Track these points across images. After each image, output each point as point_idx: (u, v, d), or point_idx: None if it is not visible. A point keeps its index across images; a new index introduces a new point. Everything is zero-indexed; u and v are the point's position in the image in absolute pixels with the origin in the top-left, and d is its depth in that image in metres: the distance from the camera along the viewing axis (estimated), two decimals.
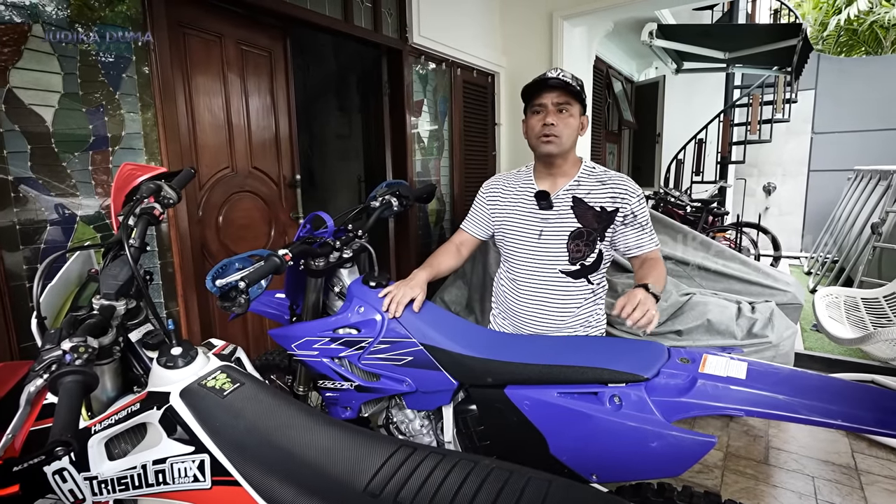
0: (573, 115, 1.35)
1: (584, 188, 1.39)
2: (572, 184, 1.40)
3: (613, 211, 1.36)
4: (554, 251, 1.39)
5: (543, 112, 1.35)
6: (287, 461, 0.75)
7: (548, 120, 1.33)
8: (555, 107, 1.33)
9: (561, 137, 1.34)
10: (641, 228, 1.38)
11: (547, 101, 1.33)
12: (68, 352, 0.69)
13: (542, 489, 0.59)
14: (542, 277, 1.42)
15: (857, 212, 4.57)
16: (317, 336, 1.29)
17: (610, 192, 1.37)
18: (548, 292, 1.42)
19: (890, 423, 0.71)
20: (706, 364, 0.89)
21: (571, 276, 1.40)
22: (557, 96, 1.33)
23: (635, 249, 1.39)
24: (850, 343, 2.29)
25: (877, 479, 1.96)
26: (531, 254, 1.42)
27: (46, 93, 1.57)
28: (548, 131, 1.33)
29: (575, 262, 1.39)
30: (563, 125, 1.33)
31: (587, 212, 1.37)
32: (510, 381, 1.05)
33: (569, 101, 1.32)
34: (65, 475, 0.88)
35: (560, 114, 1.33)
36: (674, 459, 0.83)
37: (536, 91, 1.35)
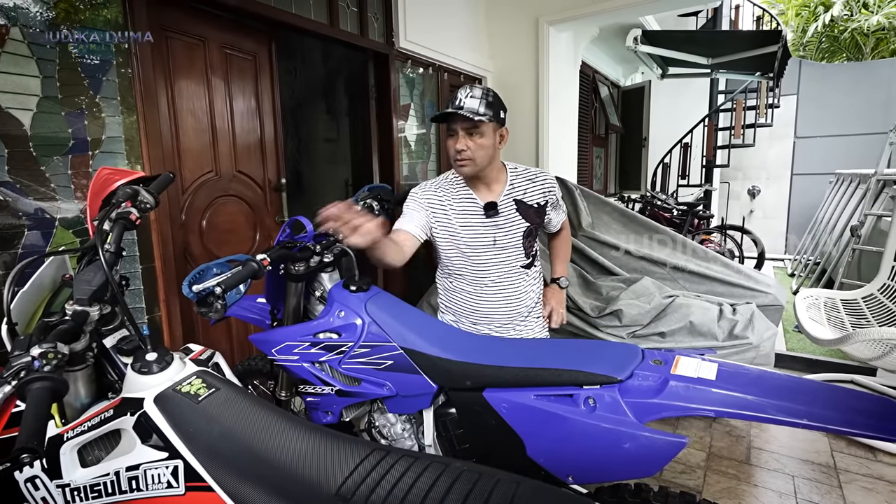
0: (485, 135, 1.38)
1: (519, 189, 1.49)
2: (508, 188, 1.48)
3: (545, 203, 1.53)
4: (511, 252, 1.49)
5: (455, 137, 1.39)
6: (261, 466, 0.75)
7: (458, 146, 1.38)
8: (465, 131, 1.37)
9: (474, 160, 1.38)
10: (560, 208, 1.60)
11: (457, 127, 1.38)
12: (37, 358, 0.69)
13: (511, 490, 0.59)
14: (505, 277, 1.51)
15: (838, 215, 4.66)
16: (297, 341, 1.29)
17: (540, 188, 1.51)
18: (511, 288, 1.52)
19: (854, 423, 0.73)
20: (678, 365, 0.91)
21: (526, 268, 1.54)
22: (465, 122, 1.36)
23: (556, 226, 1.63)
24: (829, 344, 2.33)
25: (855, 477, 1.99)
26: (490, 259, 1.49)
27: (24, 96, 1.55)
28: (459, 157, 1.39)
29: (528, 255, 1.54)
30: (475, 147, 1.37)
31: (528, 210, 1.49)
32: (488, 384, 1.06)
33: (476, 124, 1.35)
34: (37, 483, 0.87)
35: (470, 137, 1.37)
36: (646, 460, 0.84)
37: (446, 117, 1.39)
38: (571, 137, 4.22)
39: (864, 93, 6.60)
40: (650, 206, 5.24)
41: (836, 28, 10.09)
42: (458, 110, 1.34)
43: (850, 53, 10.23)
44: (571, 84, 4.12)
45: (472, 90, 1.37)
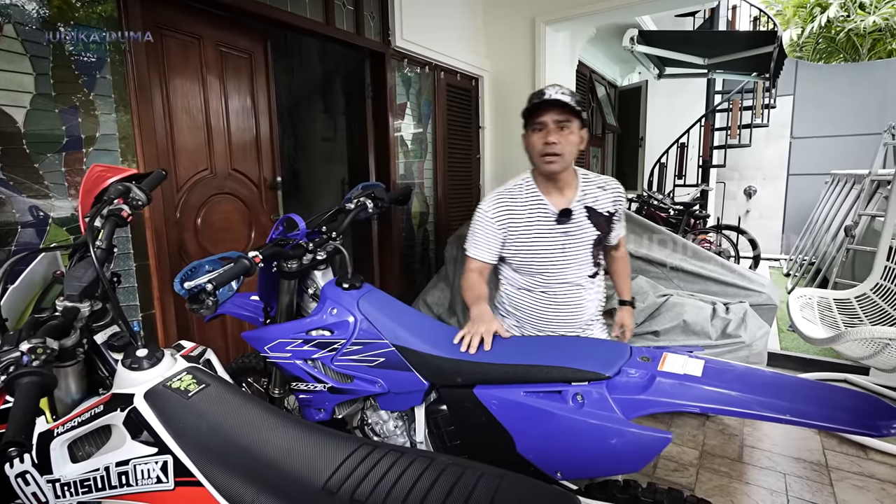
0: (573, 132, 1.35)
1: (591, 196, 1.45)
2: (580, 195, 1.44)
3: (614, 213, 1.49)
4: (580, 260, 1.45)
5: (544, 130, 1.35)
6: (249, 461, 0.76)
7: (549, 138, 1.34)
8: (555, 124, 1.34)
9: (563, 155, 1.35)
10: (622, 223, 1.55)
11: (547, 119, 1.34)
12: (26, 353, 0.69)
13: (494, 483, 0.60)
14: (573, 285, 1.46)
15: (833, 215, 4.68)
16: (290, 338, 1.30)
17: (610, 197, 1.48)
18: (579, 296, 1.48)
19: (836, 419, 0.74)
20: (665, 362, 0.91)
21: (592, 277, 1.50)
22: (557, 114, 1.33)
23: (615, 239, 1.57)
24: (821, 343, 2.34)
25: (846, 475, 2.01)
26: (558, 266, 1.44)
27: (18, 93, 1.55)
28: (549, 150, 1.34)
29: (596, 264, 1.49)
30: (564, 142, 1.34)
31: (599, 218, 1.45)
32: (479, 381, 1.07)
33: (568, 118, 1.33)
34: (27, 478, 0.88)
35: (561, 131, 1.34)
36: (633, 455, 0.85)
37: (537, 109, 1.35)
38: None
39: (860, 93, 6.62)
40: (647, 205, 5.25)
41: (833, 29, 10.12)
42: (555, 100, 1.31)
43: (846, 54, 10.27)
44: (568, 84, 4.12)
45: (560, 88, 1.35)
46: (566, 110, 1.32)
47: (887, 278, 2.68)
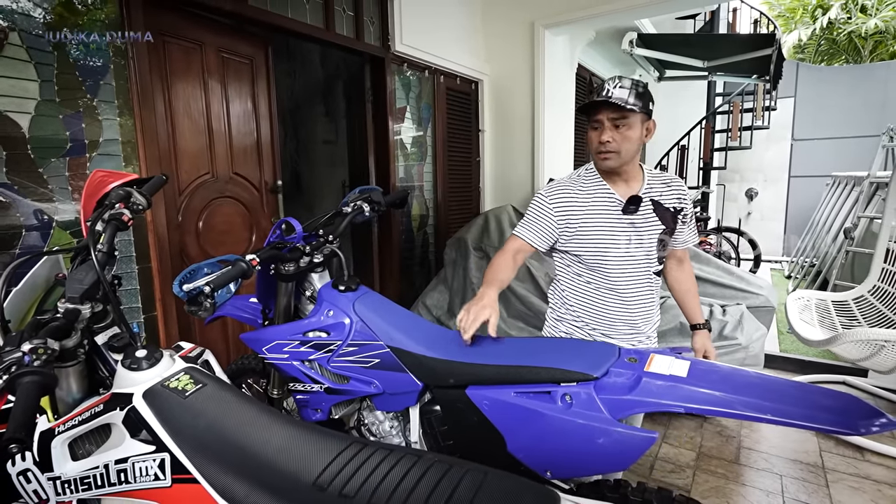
0: (632, 127, 1.30)
1: (657, 191, 1.40)
2: (646, 188, 1.39)
3: (679, 210, 1.43)
4: (646, 255, 1.39)
5: (600, 128, 1.32)
6: (243, 458, 0.78)
7: (603, 137, 1.30)
8: (611, 122, 1.30)
9: (619, 152, 1.31)
10: (690, 226, 1.48)
11: (602, 118, 1.30)
12: (27, 353, 0.71)
13: (478, 479, 0.62)
14: (639, 281, 1.41)
15: (833, 217, 4.67)
16: (287, 339, 1.32)
17: (675, 193, 1.42)
18: (645, 294, 1.43)
19: (816, 418, 0.75)
20: (652, 363, 0.93)
21: (657, 275, 1.45)
22: (613, 112, 1.28)
23: (682, 245, 1.50)
24: (819, 345, 2.35)
25: (842, 476, 2.01)
26: (624, 260, 1.38)
27: (23, 99, 1.59)
28: (603, 148, 1.31)
29: (661, 262, 1.44)
30: (620, 139, 1.30)
31: (665, 213, 1.40)
32: (471, 382, 1.08)
33: (625, 115, 1.28)
34: (29, 476, 0.90)
35: (617, 129, 1.30)
36: (620, 454, 0.86)
37: (592, 107, 1.32)
38: (568, 140, 4.24)
39: (860, 95, 6.62)
40: None
41: (835, 31, 10.12)
42: (606, 99, 1.27)
43: (848, 56, 10.26)
44: (568, 87, 4.14)
45: (621, 80, 1.29)
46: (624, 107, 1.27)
47: (884, 280, 2.68)
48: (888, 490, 1.92)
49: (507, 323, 2.68)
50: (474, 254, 2.88)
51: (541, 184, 3.74)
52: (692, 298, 1.55)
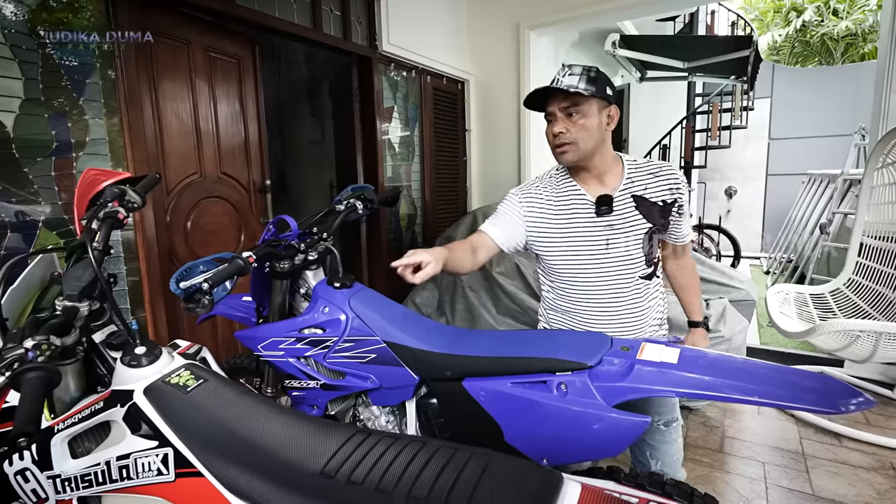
0: (587, 115, 1.17)
1: (639, 184, 1.25)
2: (625, 182, 1.25)
3: (672, 202, 1.26)
4: (628, 258, 1.26)
5: (553, 120, 1.22)
6: (248, 451, 0.79)
7: (555, 129, 1.20)
8: (562, 112, 1.19)
9: (576, 143, 1.19)
10: (686, 219, 1.32)
11: (554, 108, 1.20)
12: (31, 349, 0.72)
13: (484, 461, 0.64)
14: (619, 286, 1.27)
15: (809, 213, 4.82)
16: (282, 336, 1.33)
17: (665, 183, 1.26)
18: (627, 299, 1.29)
19: (798, 399, 0.80)
20: (643, 351, 0.97)
21: (647, 279, 1.29)
22: (563, 100, 1.18)
23: (681, 239, 1.34)
24: (797, 336, 2.42)
25: (821, 462, 2.09)
26: (601, 265, 1.27)
27: (7, 98, 1.56)
28: (557, 141, 1.21)
29: (650, 263, 1.28)
30: (575, 129, 1.18)
31: (651, 207, 1.24)
32: (467, 374, 1.11)
33: (577, 101, 1.17)
34: (27, 475, 0.90)
35: (570, 118, 1.18)
36: (614, 439, 0.90)
37: (541, 99, 1.22)
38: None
39: (833, 96, 6.83)
40: None
41: (809, 33, 10.42)
42: (552, 87, 1.16)
43: (821, 58, 10.57)
44: None
45: (570, 68, 1.18)
46: (572, 94, 1.16)
47: (858, 273, 2.78)
48: (864, 474, 1.99)
49: (497, 320, 2.71)
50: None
51: None
52: (689, 294, 1.42)
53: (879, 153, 2.63)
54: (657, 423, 1.32)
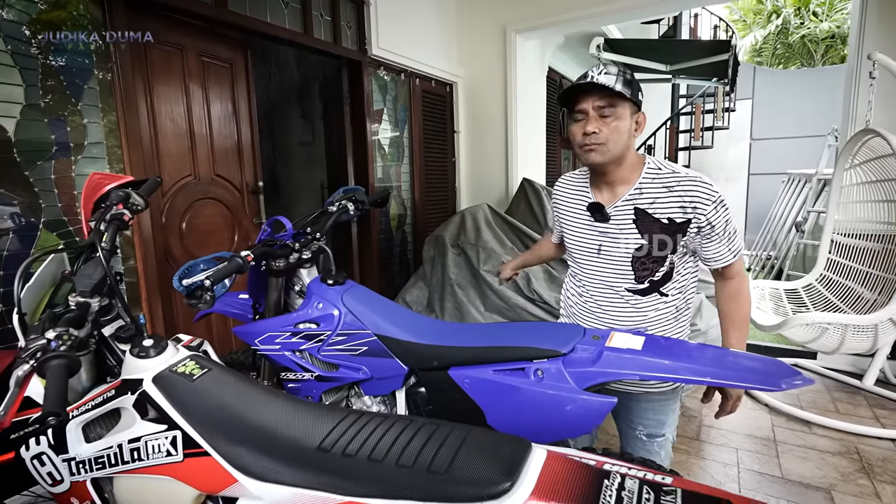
0: (621, 118, 1.14)
1: (648, 197, 1.18)
2: (633, 192, 1.19)
3: (685, 222, 1.15)
4: (617, 269, 1.24)
5: (584, 119, 1.16)
6: (250, 431, 0.87)
7: (588, 128, 1.15)
8: (596, 111, 1.14)
9: (606, 144, 1.15)
10: (719, 239, 1.17)
11: (587, 107, 1.15)
12: (53, 340, 0.79)
13: (463, 434, 0.73)
14: (609, 295, 1.28)
15: (787, 212, 4.98)
16: (279, 331, 1.40)
17: (679, 201, 1.15)
18: (617, 310, 1.27)
19: (745, 378, 0.89)
20: (612, 339, 1.06)
21: (639, 294, 1.24)
22: (598, 99, 1.13)
23: (714, 261, 1.21)
24: (771, 329, 2.55)
25: (791, 448, 2.21)
26: (594, 269, 1.28)
27: (8, 104, 1.61)
28: (588, 140, 1.16)
29: (642, 279, 1.23)
30: (608, 131, 1.14)
31: (651, 223, 1.18)
32: (453, 363, 1.19)
33: (613, 102, 1.13)
34: (43, 459, 0.97)
35: (604, 119, 1.14)
36: (585, 419, 0.99)
37: (574, 95, 1.17)
38: (540, 140, 4.40)
39: (812, 97, 7.03)
40: None
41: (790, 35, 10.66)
42: (591, 84, 1.12)
43: (802, 60, 10.82)
44: (539, 89, 4.30)
45: (606, 67, 1.15)
46: (610, 94, 1.12)
47: (830, 269, 2.92)
48: (830, 458, 2.11)
49: (485, 316, 2.80)
50: (452, 251, 2.99)
51: (514, 183, 3.88)
52: (724, 322, 1.28)
53: (848, 154, 2.76)
54: (639, 433, 1.32)
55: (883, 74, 2.51)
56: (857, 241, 2.77)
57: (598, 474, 0.63)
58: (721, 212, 1.15)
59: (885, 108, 2.62)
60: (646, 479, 0.61)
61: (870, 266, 2.65)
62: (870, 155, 2.64)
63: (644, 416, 1.30)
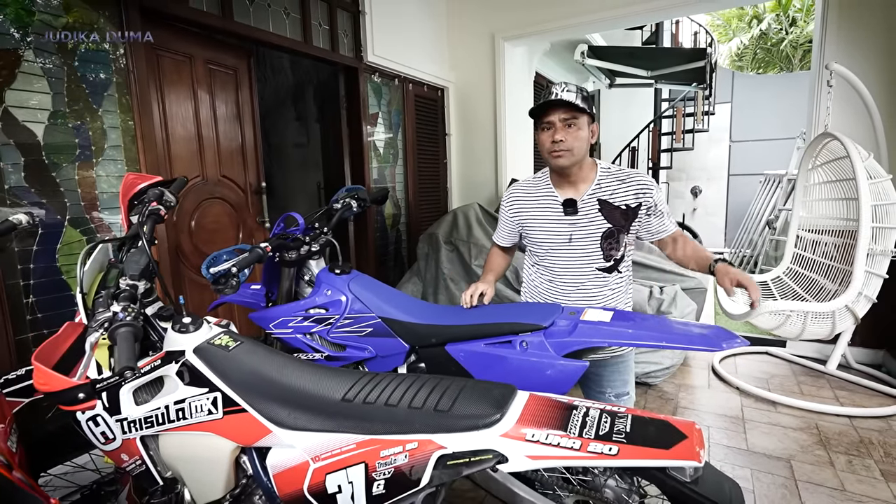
0: (581, 128, 1.39)
1: (607, 189, 1.44)
2: (594, 187, 1.45)
3: (637, 206, 1.44)
4: (588, 252, 1.47)
5: (552, 129, 1.40)
6: (282, 390, 1.03)
7: (556, 136, 1.38)
8: (562, 122, 1.38)
9: (572, 150, 1.39)
10: (662, 215, 1.47)
11: (554, 119, 1.38)
12: (120, 311, 0.94)
13: (462, 384, 0.90)
14: (579, 276, 1.49)
15: (763, 210, 5.22)
16: (291, 316, 1.56)
17: (632, 189, 1.44)
18: (586, 287, 1.49)
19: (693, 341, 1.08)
20: (586, 314, 1.24)
21: (605, 272, 1.48)
22: (563, 112, 1.37)
23: (660, 234, 1.50)
24: (739, 317, 2.74)
25: (757, 424, 2.41)
26: (564, 256, 1.50)
27: (37, 110, 1.75)
28: (556, 148, 1.39)
29: (608, 258, 1.47)
30: (572, 139, 1.38)
31: (613, 211, 1.44)
32: (449, 340, 1.36)
33: (575, 115, 1.37)
34: (97, 420, 1.12)
35: (568, 128, 1.38)
36: (562, 380, 1.16)
37: (543, 109, 1.40)
38: (528, 143, 4.60)
39: (789, 100, 7.32)
40: None
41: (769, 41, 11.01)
42: (559, 100, 1.36)
43: (782, 64, 11.18)
44: (526, 93, 4.49)
45: (567, 86, 1.39)
46: (572, 108, 1.36)
47: (795, 262, 3.14)
48: (792, 433, 2.32)
49: None
50: (445, 247, 3.16)
51: (503, 183, 4.06)
52: (697, 253, 1.49)
53: (810, 156, 2.98)
54: (608, 395, 1.53)
55: (839, 83, 2.74)
56: (820, 236, 2.99)
57: (568, 407, 0.80)
58: (660, 195, 1.48)
59: (842, 114, 2.85)
60: (605, 409, 0.79)
61: (831, 259, 2.87)
62: (829, 156, 2.86)
63: (611, 378, 1.51)
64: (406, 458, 0.84)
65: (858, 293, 2.49)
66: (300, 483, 0.97)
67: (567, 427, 0.77)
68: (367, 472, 0.88)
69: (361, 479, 0.88)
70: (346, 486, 0.90)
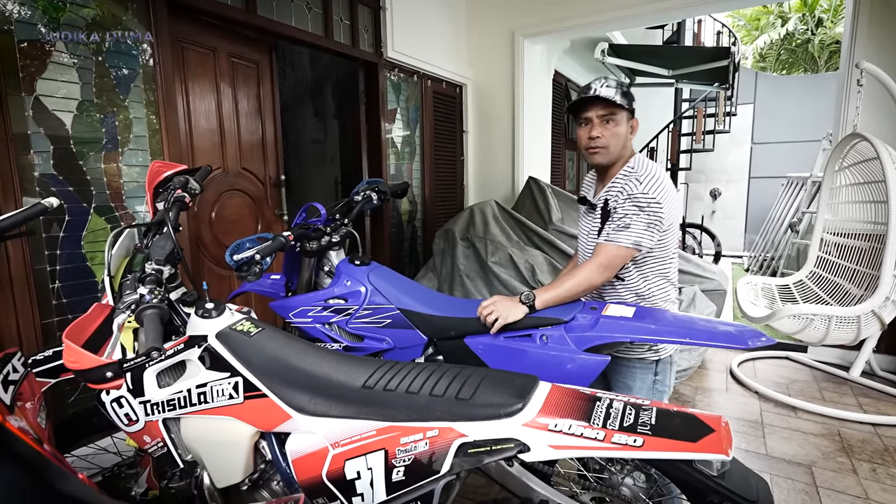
0: (619, 124, 1.36)
1: (614, 190, 1.39)
2: (608, 186, 1.41)
3: (613, 209, 1.37)
4: (587, 251, 1.47)
5: (589, 125, 1.38)
6: (303, 377, 1.03)
7: (592, 133, 1.37)
8: (600, 119, 1.36)
9: (608, 147, 1.37)
10: (611, 221, 1.35)
11: (591, 115, 1.37)
12: (147, 294, 0.96)
13: (483, 373, 0.89)
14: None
15: (785, 213, 5.12)
16: (311, 305, 1.57)
17: (618, 192, 1.36)
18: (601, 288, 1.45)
19: (717, 338, 1.06)
20: (607, 309, 1.22)
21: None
22: (601, 108, 1.35)
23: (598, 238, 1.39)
24: (760, 320, 2.70)
25: (777, 430, 2.36)
26: (581, 251, 1.56)
27: (67, 100, 1.79)
28: (593, 144, 1.37)
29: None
30: (609, 135, 1.36)
31: (607, 214, 1.40)
32: (468, 333, 1.35)
33: (613, 111, 1.35)
34: (122, 402, 1.14)
35: (605, 125, 1.36)
36: (583, 375, 1.15)
37: (582, 105, 1.39)
38: (545, 141, 4.57)
39: (812, 102, 7.17)
40: None
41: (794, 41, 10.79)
42: (595, 96, 1.33)
43: (806, 65, 10.95)
44: (545, 92, 4.46)
45: (606, 80, 1.37)
46: (611, 104, 1.34)
47: (819, 266, 3.07)
48: (812, 439, 2.27)
49: None
50: (461, 244, 3.15)
51: (520, 181, 4.04)
52: (553, 285, 1.34)
53: (837, 157, 2.91)
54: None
55: (870, 82, 2.66)
56: (846, 239, 2.92)
57: (591, 398, 0.79)
58: (626, 205, 1.32)
59: (871, 114, 2.77)
60: (629, 401, 0.77)
61: (856, 263, 2.80)
62: (857, 158, 2.79)
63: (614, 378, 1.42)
64: (426, 445, 0.84)
65: (886, 298, 2.43)
66: (319, 469, 0.97)
67: (590, 418, 0.76)
68: (386, 459, 0.88)
69: (381, 465, 0.88)
70: (365, 472, 0.91)
